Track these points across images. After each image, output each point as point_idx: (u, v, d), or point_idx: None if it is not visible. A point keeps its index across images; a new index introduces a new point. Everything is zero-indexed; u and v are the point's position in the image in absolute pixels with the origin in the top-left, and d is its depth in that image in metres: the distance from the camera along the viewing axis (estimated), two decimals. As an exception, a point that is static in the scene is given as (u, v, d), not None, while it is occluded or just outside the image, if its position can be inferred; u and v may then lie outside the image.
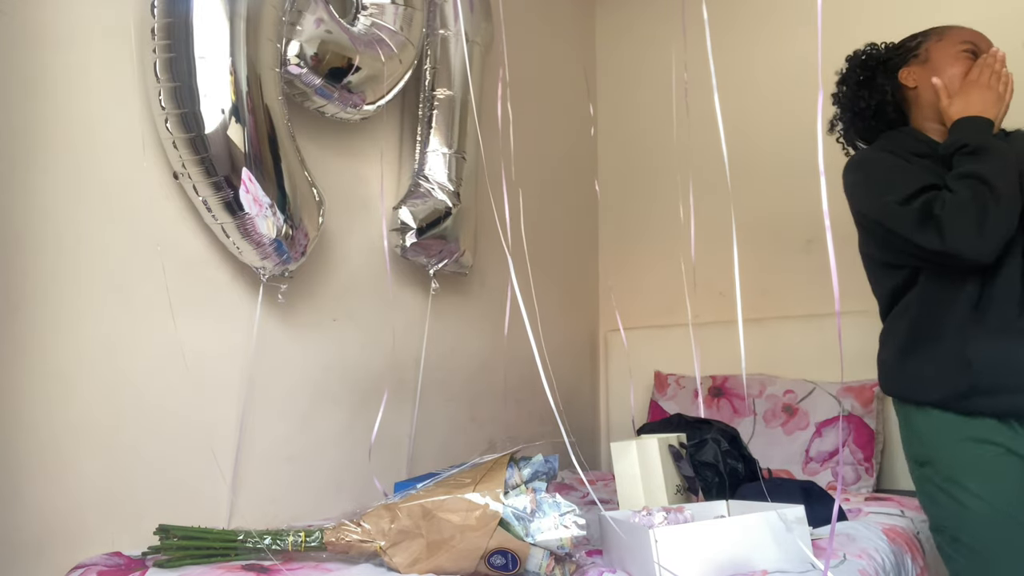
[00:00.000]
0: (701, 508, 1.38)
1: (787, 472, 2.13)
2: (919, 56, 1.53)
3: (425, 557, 1.12)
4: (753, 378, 2.33)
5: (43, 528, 1.24)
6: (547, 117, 2.61)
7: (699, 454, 1.69)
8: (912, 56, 1.53)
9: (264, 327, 1.61)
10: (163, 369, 1.42)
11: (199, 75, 1.36)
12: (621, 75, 2.89)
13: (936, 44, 1.51)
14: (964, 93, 1.42)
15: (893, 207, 1.34)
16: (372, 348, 1.86)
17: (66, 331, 1.29)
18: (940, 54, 1.50)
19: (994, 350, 1.30)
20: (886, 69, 1.56)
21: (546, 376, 1.09)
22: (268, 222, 1.46)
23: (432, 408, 2.02)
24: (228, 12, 1.39)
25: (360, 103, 1.71)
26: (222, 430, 1.52)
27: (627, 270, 2.80)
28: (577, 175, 2.80)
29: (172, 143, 1.38)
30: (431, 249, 1.90)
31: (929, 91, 1.48)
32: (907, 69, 1.53)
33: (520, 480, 1.16)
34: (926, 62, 1.51)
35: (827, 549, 1.32)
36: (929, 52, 1.52)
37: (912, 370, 1.40)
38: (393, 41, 1.76)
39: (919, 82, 1.51)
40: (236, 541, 1.18)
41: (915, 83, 1.52)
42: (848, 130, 1.62)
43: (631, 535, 1.16)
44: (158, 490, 1.39)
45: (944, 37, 1.52)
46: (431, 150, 1.92)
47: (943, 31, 1.53)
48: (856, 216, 1.46)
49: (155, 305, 1.41)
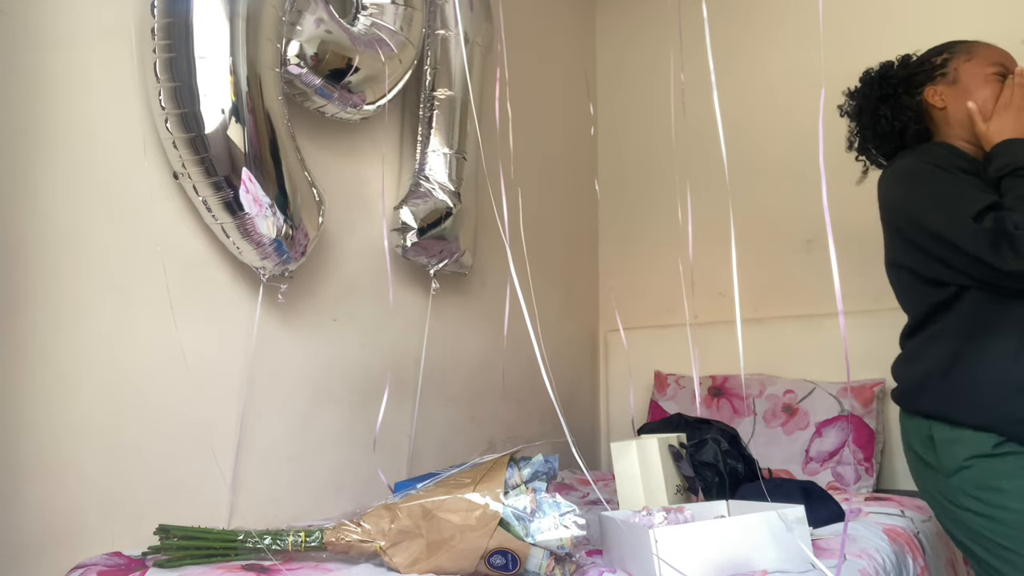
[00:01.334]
0: (701, 508, 1.38)
1: (787, 472, 2.13)
2: (947, 75, 1.49)
3: (425, 557, 1.12)
4: (753, 378, 2.33)
5: (43, 528, 1.24)
6: (547, 117, 2.61)
7: (699, 454, 1.69)
8: (939, 74, 1.50)
9: (264, 327, 1.61)
10: (163, 369, 1.42)
11: (199, 75, 1.36)
12: (621, 75, 2.89)
13: (966, 64, 1.48)
14: (1000, 115, 1.41)
15: (966, 222, 1.29)
16: (372, 348, 1.86)
17: (66, 331, 1.29)
18: (970, 75, 1.47)
19: None
20: (909, 87, 1.53)
21: (547, 376, 1.09)
22: (268, 222, 1.46)
23: (432, 408, 2.02)
24: (228, 12, 1.39)
25: (360, 103, 1.71)
26: (222, 430, 1.52)
27: (627, 270, 2.80)
28: (577, 175, 2.80)
29: (172, 143, 1.38)
30: (431, 249, 1.90)
31: (960, 111, 1.46)
32: (933, 88, 1.49)
33: (520, 480, 1.16)
34: (955, 82, 1.48)
35: (839, 551, 1.32)
36: (959, 72, 1.48)
37: (956, 391, 1.35)
38: (393, 41, 1.76)
39: (948, 102, 1.48)
40: (236, 541, 1.18)
41: (944, 103, 1.48)
42: (868, 148, 1.60)
43: (631, 535, 1.16)
44: (158, 490, 1.39)
45: (973, 57, 1.48)
46: (432, 150, 1.93)
47: (971, 50, 1.50)
48: (904, 228, 1.40)
49: (155, 305, 1.41)
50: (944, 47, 1.53)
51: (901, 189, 1.42)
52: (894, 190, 1.44)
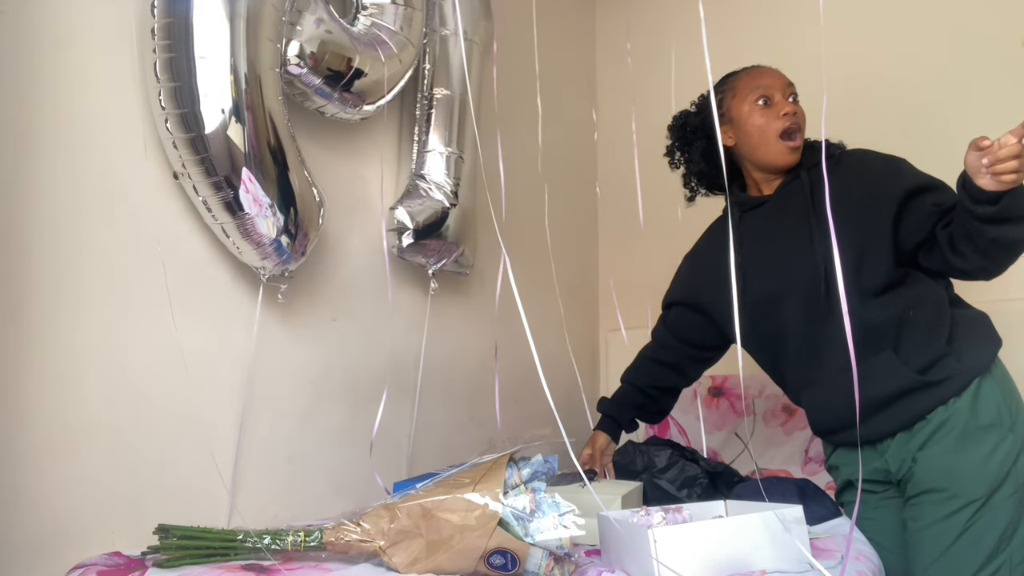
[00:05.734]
0: (700, 508, 1.38)
1: (786, 472, 2.13)
2: (725, 115, 1.67)
3: (424, 557, 1.13)
4: (753, 378, 2.33)
5: (43, 528, 1.24)
6: (547, 116, 2.60)
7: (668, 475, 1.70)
8: (720, 114, 1.67)
9: (264, 327, 1.61)
10: (163, 369, 1.42)
11: (199, 75, 1.36)
12: (621, 74, 2.89)
13: (733, 102, 1.65)
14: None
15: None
16: (372, 348, 1.86)
17: (66, 331, 1.29)
18: (738, 111, 1.64)
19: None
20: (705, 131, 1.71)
21: (543, 377, 1.09)
22: (268, 222, 1.46)
23: (432, 408, 2.02)
24: (228, 12, 1.39)
25: (360, 103, 1.71)
26: (222, 430, 1.52)
27: (627, 270, 2.80)
28: (577, 174, 2.80)
29: (172, 143, 1.38)
30: (429, 249, 1.90)
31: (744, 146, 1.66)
32: (722, 128, 1.66)
33: (520, 480, 1.16)
34: (731, 121, 1.66)
35: (838, 551, 1.32)
36: (731, 111, 1.65)
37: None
38: (393, 41, 1.76)
39: (736, 138, 1.66)
40: (236, 541, 1.18)
41: (733, 140, 1.67)
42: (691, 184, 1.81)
43: (630, 535, 1.17)
44: (158, 490, 1.39)
45: (737, 93, 1.65)
46: (429, 150, 1.92)
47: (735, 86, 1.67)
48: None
49: (155, 305, 1.41)
50: (718, 86, 1.69)
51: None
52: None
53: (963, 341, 1.45)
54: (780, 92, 1.61)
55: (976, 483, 1.36)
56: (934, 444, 1.41)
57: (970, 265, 1.39)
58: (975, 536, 1.34)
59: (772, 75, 1.64)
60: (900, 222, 1.47)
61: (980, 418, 1.39)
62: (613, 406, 1.89)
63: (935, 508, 1.39)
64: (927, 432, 1.42)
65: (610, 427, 1.87)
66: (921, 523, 1.41)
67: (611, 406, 1.89)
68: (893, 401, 1.44)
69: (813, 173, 1.57)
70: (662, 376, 1.88)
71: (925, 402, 1.42)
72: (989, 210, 1.27)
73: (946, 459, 1.39)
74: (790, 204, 1.59)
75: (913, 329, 1.46)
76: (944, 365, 1.42)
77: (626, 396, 1.90)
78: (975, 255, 1.36)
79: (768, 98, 1.60)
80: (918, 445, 1.43)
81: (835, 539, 1.41)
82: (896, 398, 1.44)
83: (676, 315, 1.87)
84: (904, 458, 1.45)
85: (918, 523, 1.42)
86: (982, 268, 1.39)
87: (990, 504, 1.34)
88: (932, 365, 1.42)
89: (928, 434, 1.42)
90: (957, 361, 1.42)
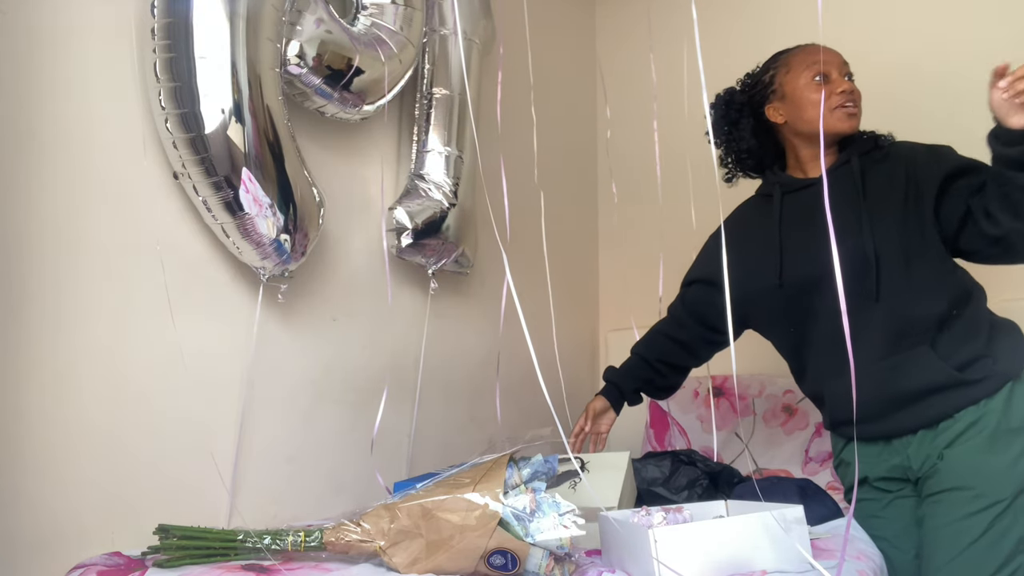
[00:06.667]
0: (700, 508, 1.38)
1: (786, 472, 2.13)
2: (777, 92, 1.64)
3: (424, 557, 1.13)
4: (753, 378, 2.33)
5: (43, 528, 1.24)
6: (547, 116, 2.60)
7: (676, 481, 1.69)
8: (771, 92, 1.64)
9: (264, 327, 1.61)
10: (163, 369, 1.42)
11: (199, 75, 1.36)
12: (621, 74, 2.89)
13: (786, 77, 1.62)
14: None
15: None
16: (372, 348, 1.86)
17: (66, 331, 1.29)
18: (793, 87, 1.60)
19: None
20: (752, 109, 1.68)
21: (541, 378, 1.09)
22: (268, 222, 1.46)
23: (432, 408, 2.02)
24: (228, 12, 1.39)
25: (360, 103, 1.71)
26: (222, 430, 1.52)
27: (627, 270, 2.80)
28: (577, 174, 2.80)
29: (172, 143, 1.38)
30: (428, 249, 1.90)
31: (798, 122, 1.61)
32: (771, 106, 1.64)
33: (520, 480, 1.16)
34: (784, 97, 1.62)
35: (838, 551, 1.32)
36: (784, 87, 1.62)
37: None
38: (393, 41, 1.76)
39: (787, 116, 1.62)
40: (236, 541, 1.18)
41: (783, 118, 1.63)
42: (729, 165, 1.76)
43: (630, 535, 1.16)
44: (158, 490, 1.39)
45: (791, 68, 1.62)
46: (428, 150, 1.92)
47: (788, 62, 1.64)
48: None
49: (155, 305, 1.41)
50: (769, 63, 1.66)
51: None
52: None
53: (1000, 344, 1.44)
54: (837, 69, 1.57)
55: (1003, 484, 1.35)
56: (963, 443, 1.40)
57: (1002, 229, 1.37)
58: (996, 537, 1.33)
59: (828, 52, 1.59)
60: (940, 207, 1.46)
61: (1012, 421, 1.38)
62: (618, 374, 1.84)
63: (958, 506, 1.37)
64: (955, 431, 1.41)
65: (612, 394, 1.82)
66: (940, 520, 1.39)
67: (616, 374, 1.84)
68: (924, 396, 1.42)
69: (864, 160, 1.55)
70: (673, 353, 1.82)
71: (956, 400, 1.41)
72: (1021, 148, 1.27)
73: (975, 458, 1.38)
74: (838, 188, 1.52)
75: (953, 327, 1.44)
76: (982, 365, 1.41)
77: (634, 367, 1.84)
78: (1007, 215, 1.35)
79: (826, 75, 1.56)
80: (945, 443, 1.41)
81: (836, 539, 1.41)
82: (928, 393, 1.42)
83: (696, 293, 1.82)
84: (929, 455, 1.43)
85: (937, 520, 1.40)
86: (1015, 230, 1.37)
87: (1014, 506, 1.34)
88: (970, 364, 1.41)
89: (956, 433, 1.40)
90: (994, 363, 1.41)
